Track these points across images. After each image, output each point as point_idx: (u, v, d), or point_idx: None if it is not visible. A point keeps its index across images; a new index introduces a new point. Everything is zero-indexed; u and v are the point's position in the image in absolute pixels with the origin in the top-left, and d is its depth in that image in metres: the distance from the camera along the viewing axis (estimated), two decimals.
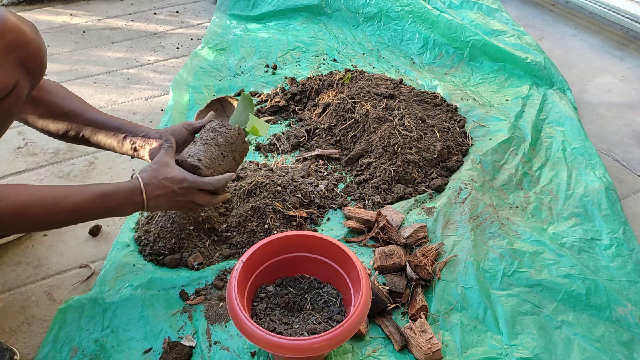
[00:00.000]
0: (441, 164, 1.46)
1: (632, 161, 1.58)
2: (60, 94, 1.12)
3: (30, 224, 0.95)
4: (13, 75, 0.85)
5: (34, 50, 0.87)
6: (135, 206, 1.03)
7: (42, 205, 0.92)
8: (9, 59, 0.84)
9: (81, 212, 0.98)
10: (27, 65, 0.87)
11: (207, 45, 2.01)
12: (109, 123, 1.14)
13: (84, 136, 1.14)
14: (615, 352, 1.03)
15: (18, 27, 0.85)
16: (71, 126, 1.12)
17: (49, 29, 2.16)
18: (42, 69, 0.92)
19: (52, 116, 1.11)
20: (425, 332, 1.02)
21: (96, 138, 1.14)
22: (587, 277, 1.14)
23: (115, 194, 1.00)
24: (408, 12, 2.06)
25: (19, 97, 0.88)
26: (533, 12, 2.41)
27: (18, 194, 0.90)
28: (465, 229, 1.25)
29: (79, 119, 1.12)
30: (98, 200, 0.98)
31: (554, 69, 1.87)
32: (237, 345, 1.03)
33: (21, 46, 0.85)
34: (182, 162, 1.09)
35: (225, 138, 1.14)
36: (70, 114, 1.12)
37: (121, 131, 1.14)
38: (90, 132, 1.13)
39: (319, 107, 1.64)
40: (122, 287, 1.12)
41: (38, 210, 0.92)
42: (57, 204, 0.94)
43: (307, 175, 1.43)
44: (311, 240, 1.06)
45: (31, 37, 0.87)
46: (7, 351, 1.00)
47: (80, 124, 1.13)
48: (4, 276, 1.19)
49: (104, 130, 1.13)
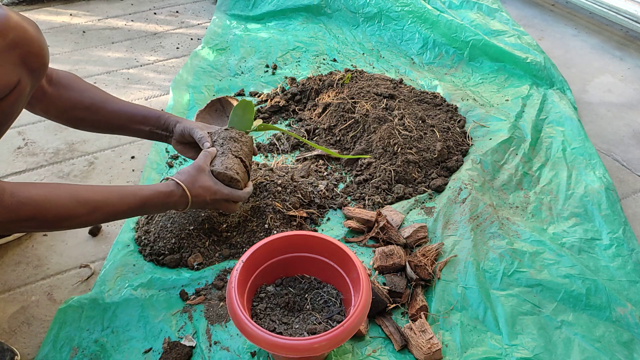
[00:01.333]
0: (441, 164, 1.46)
1: (632, 161, 1.58)
2: (77, 87, 1.15)
3: (70, 225, 0.98)
4: (15, 73, 0.85)
5: (36, 48, 0.88)
6: (172, 208, 1.09)
7: (83, 209, 0.96)
8: (11, 57, 0.84)
9: (118, 215, 1.03)
10: (29, 63, 0.87)
11: (207, 45, 2.01)
12: (132, 115, 1.19)
13: (108, 128, 1.20)
14: (615, 352, 1.03)
15: (20, 25, 0.85)
16: (93, 119, 1.17)
17: (49, 29, 2.16)
18: (44, 67, 0.92)
19: (73, 110, 1.14)
20: (425, 332, 1.02)
21: (120, 129, 1.21)
22: (587, 277, 1.14)
23: (154, 198, 1.05)
24: (408, 12, 2.06)
25: (21, 95, 0.88)
26: (533, 12, 2.41)
27: (61, 195, 0.94)
28: (465, 229, 1.25)
29: (100, 112, 1.16)
30: (137, 205, 1.03)
31: (554, 69, 1.87)
32: (237, 345, 1.04)
33: (23, 44, 0.85)
34: (219, 174, 1.12)
35: (248, 148, 1.19)
36: (91, 108, 1.15)
37: (145, 123, 1.20)
38: (113, 123, 1.19)
39: (319, 107, 1.64)
40: (122, 287, 1.12)
41: (79, 212, 0.96)
42: (98, 207, 0.98)
43: (307, 175, 1.43)
44: (311, 240, 1.06)
45: (33, 35, 0.87)
46: (8, 351, 1.00)
47: (102, 117, 1.17)
48: (4, 276, 1.19)
49: (128, 122, 1.19)
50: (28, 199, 0.89)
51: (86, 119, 1.16)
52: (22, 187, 0.90)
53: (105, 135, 1.60)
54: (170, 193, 1.06)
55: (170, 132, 1.21)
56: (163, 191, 1.06)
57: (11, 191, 0.88)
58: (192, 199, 1.08)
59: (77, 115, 1.15)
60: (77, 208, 0.95)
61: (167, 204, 1.07)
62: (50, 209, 0.91)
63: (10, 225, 0.93)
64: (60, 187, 0.96)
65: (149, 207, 1.05)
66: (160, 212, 1.10)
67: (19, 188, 0.89)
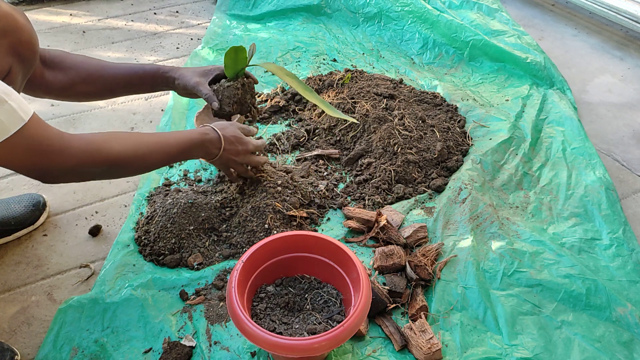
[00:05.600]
0: (441, 164, 1.46)
1: (632, 161, 1.58)
2: (71, 62, 1.16)
3: (130, 167, 1.03)
4: (6, 61, 0.87)
5: (26, 37, 0.89)
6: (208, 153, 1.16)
7: (142, 150, 1.03)
8: (1, 45, 0.85)
9: (168, 159, 1.09)
10: (19, 51, 0.89)
11: (207, 45, 2.01)
12: (129, 76, 1.21)
13: (110, 93, 1.24)
14: (615, 352, 1.03)
15: (10, 14, 0.86)
16: (94, 89, 1.20)
17: (49, 29, 2.16)
18: (35, 55, 0.94)
19: (73, 85, 1.16)
20: (425, 332, 1.02)
21: (122, 91, 1.25)
22: (587, 277, 1.14)
23: (194, 140, 1.11)
24: (408, 12, 2.06)
25: (13, 83, 0.89)
26: (533, 12, 2.41)
27: (123, 137, 1.01)
28: (465, 229, 1.25)
29: (99, 81, 1.19)
30: (182, 147, 1.09)
31: (554, 69, 1.87)
32: (237, 345, 1.04)
33: (13, 32, 0.87)
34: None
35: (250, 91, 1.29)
36: (89, 79, 1.17)
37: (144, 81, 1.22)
38: (113, 88, 1.22)
39: (319, 107, 1.64)
40: (122, 287, 1.12)
41: (139, 153, 1.02)
42: (154, 151, 1.05)
43: (307, 175, 1.43)
44: (311, 240, 1.06)
45: (23, 24, 0.89)
46: (8, 351, 1.00)
47: (102, 84, 1.19)
48: (4, 276, 1.19)
49: (127, 84, 1.22)
50: (94, 139, 0.95)
51: (87, 90, 1.18)
52: (84, 134, 0.97)
53: None
54: (206, 134, 1.13)
55: (172, 85, 1.24)
56: (201, 132, 1.13)
57: (78, 136, 0.94)
58: (225, 143, 1.15)
59: (77, 89, 1.17)
60: (136, 147, 1.01)
61: (205, 146, 1.13)
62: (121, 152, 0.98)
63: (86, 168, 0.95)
64: (117, 132, 1.03)
65: (192, 148, 1.11)
66: (199, 155, 1.15)
67: (82, 134, 0.97)
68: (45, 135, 0.89)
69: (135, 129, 1.63)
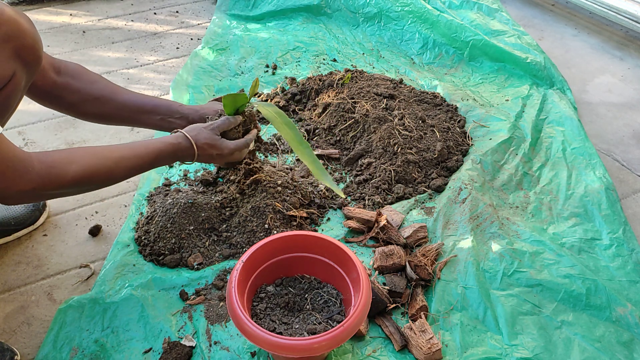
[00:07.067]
0: (441, 164, 1.46)
1: (632, 161, 1.58)
2: (86, 78, 1.15)
3: (94, 184, 1.01)
4: (10, 66, 0.86)
5: (30, 41, 0.89)
6: (181, 159, 1.14)
7: (105, 167, 1.00)
8: (5, 50, 0.85)
9: (135, 170, 1.06)
10: (23, 56, 0.88)
11: (207, 45, 2.00)
12: (142, 105, 1.19)
13: (118, 119, 1.21)
14: (615, 352, 1.03)
15: (14, 19, 0.86)
16: (103, 110, 1.17)
17: (49, 29, 2.16)
18: (39, 60, 0.93)
19: (83, 102, 1.15)
20: (425, 332, 1.02)
21: (131, 121, 1.22)
22: (587, 277, 1.14)
23: (165, 150, 1.09)
24: (408, 12, 2.06)
25: (17, 88, 0.89)
26: (533, 12, 2.41)
27: (84, 156, 0.98)
28: (465, 229, 1.25)
29: (110, 104, 1.17)
30: (151, 157, 1.07)
31: (554, 69, 1.87)
32: (237, 345, 1.04)
33: (17, 37, 0.86)
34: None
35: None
36: (100, 99, 1.16)
37: (156, 113, 1.20)
38: (123, 115, 1.20)
39: (319, 107, 1.64)
40: (122, 287, 1.12)
41: (102, 170, 1.00)
42: (118, 164, 1.02)
43: (307, 175, 1.43)
44: (311, 240, 1.06)
45: (27, 28, 0.88)
46: (8, 351, 1.00)
47: (112, 108, 1.18)
48: (4, 276, 1.19)
49: (138, 113, 1.20)
50: (53, 162, 0.93)
51: (96, 110, 1.17)
52: (45, 154, 0.94)
53: (105, 135, 1.60)
54: (177, 144, 1.10)
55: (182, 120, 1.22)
56: (171, 142, 1.10)
57: (38, 158, 0.91)
58: (198, 151, 1.12)
59: (86, 107, 1.15)
60: (98, 165, 0.99)
61: (176, 155, 1.11)
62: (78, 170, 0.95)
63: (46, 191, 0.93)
64: (79, 149, 1.01)
65: (161, 158, 1.09)
66: (170, 163, 1.14)
67: (43, 155, 0.94)
68: (7, 157, 0.86)
69: (135, 129, 1.63)
